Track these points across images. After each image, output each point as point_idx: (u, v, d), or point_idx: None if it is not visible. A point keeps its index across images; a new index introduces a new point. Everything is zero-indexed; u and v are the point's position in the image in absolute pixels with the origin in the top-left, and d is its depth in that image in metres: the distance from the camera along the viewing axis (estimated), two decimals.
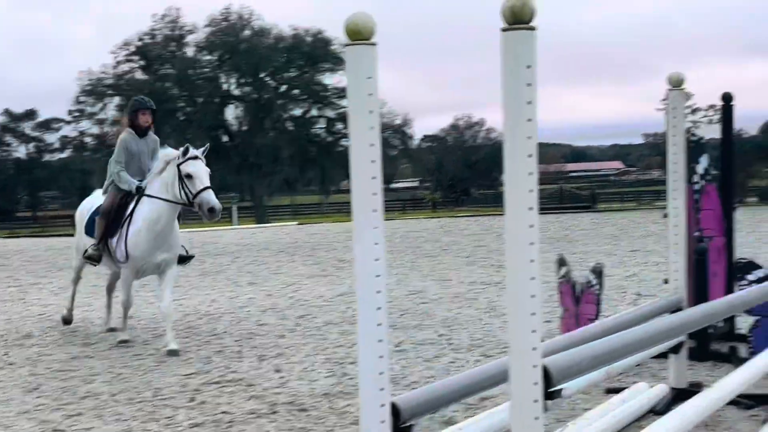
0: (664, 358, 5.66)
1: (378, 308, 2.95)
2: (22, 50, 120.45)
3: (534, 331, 2.80)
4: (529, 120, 2.76)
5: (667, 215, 5.52)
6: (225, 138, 53.13)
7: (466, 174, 66.84)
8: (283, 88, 51.66)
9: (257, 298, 11.47)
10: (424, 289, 11.74)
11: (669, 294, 5.45)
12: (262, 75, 50.78)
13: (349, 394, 6.16)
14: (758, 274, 6.72)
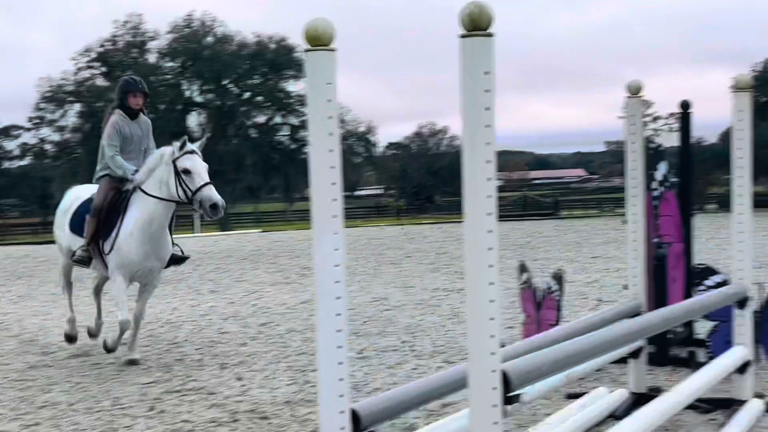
0: (624, 363, 5.71)
1: (338, 314, 2.94)
2: None
3: (493, 336, 2.81)
4: (488, 126, 2.77)
5: (626, 221, 5.58)
6: None
7: (430, 181, 67.02)
8: (247, 95, 51.40)
9: (219, 306, 11.39)
10: (388, 296, 11.73)
11: (628, 299, 5.50)
12: (225, 82, 50.50)
13: (310, 401, 6.13)
14: (716, 279, 6.80)
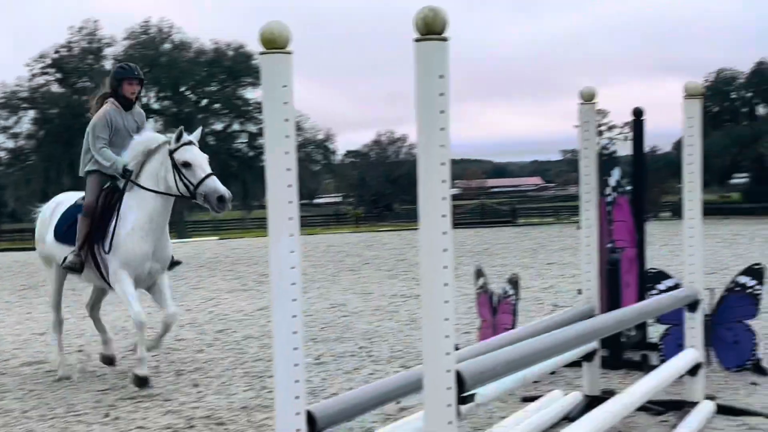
0: (579, 366, 5.78)
1: (293, 316, 2.95)
2: None
3: (447, 336, 2.84)
4: (442, 129, 2.80)
5: (580, 227, 5.66)
6: None
7: (388, 189, 67.10)
8: (204, 102, 51.05)
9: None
10: (346, 302, 11.74)
11: (582, 303, 5.58)
12: (182, 89, 50.13)
13: (267, 407, 6.12)
14: (668, 283, 6.91)
